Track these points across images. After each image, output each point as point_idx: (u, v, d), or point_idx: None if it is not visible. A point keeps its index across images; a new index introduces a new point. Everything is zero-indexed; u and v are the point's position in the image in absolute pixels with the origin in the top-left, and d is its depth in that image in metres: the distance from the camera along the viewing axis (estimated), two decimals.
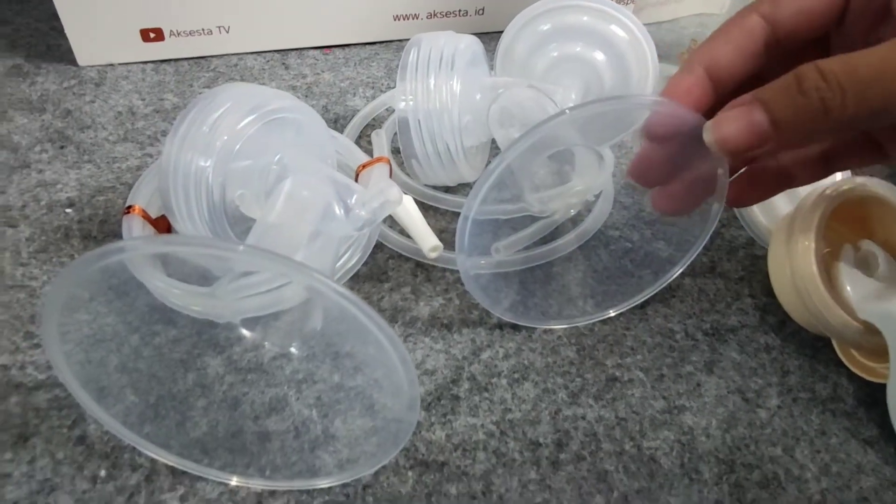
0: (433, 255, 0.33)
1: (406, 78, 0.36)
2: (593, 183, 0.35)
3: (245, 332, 0.30)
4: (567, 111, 0.28)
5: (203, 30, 0.49)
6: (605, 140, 0.39)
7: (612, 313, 0.34)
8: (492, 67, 0.41)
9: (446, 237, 0.37)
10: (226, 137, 0.30)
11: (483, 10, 0.55)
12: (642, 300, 0.34)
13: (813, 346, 0.34)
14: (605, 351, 0.33)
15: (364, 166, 0.36)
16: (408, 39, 0.38)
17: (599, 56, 0.38)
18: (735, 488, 0.28)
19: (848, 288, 0.31)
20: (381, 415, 0.28)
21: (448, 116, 0.35)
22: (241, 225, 0.31)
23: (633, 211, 0.40)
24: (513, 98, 0.36)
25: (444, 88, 0.35)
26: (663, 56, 0.51)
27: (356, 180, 0.35)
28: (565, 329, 0.33)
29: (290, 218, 0.29)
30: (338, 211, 0.30)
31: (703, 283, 0.36)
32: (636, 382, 0.31)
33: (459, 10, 0.55)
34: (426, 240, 0.33)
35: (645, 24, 0.50)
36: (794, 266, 0.32)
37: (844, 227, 0.35)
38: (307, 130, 0.34)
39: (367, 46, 0.53)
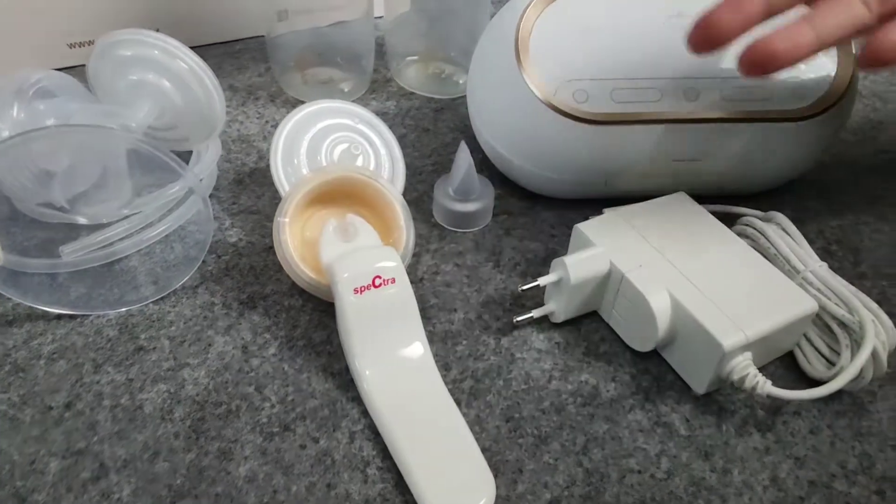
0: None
1: None
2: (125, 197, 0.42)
3: None
4: (51, 126, 0.35)
5: None
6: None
7: (152, 298, 0.41)
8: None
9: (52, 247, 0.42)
10: None
11: None
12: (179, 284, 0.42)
13: (329, 303, 0.41)
14: (144, 326, 0.40)
15: None
16: (83, 65, 0.45)
17: (167, 84, 0.45)
18: (196, 422, 0.35)
19: (322, 253, 0.39)
20: None
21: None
22: None
23: (226, 205, 0.47)
24: (81, 119, 0.43)
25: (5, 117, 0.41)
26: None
27: None
28: (118, 312, 0.40)
29: None
30: None
31: (255, 262, 0.44)
32: (158, 349, 0.38)
33: None
34: None
35: (300, 30, 0.58)
36: (280, 239, 0.39)
37: (352, 202, 0.43)
38: None
39: None
